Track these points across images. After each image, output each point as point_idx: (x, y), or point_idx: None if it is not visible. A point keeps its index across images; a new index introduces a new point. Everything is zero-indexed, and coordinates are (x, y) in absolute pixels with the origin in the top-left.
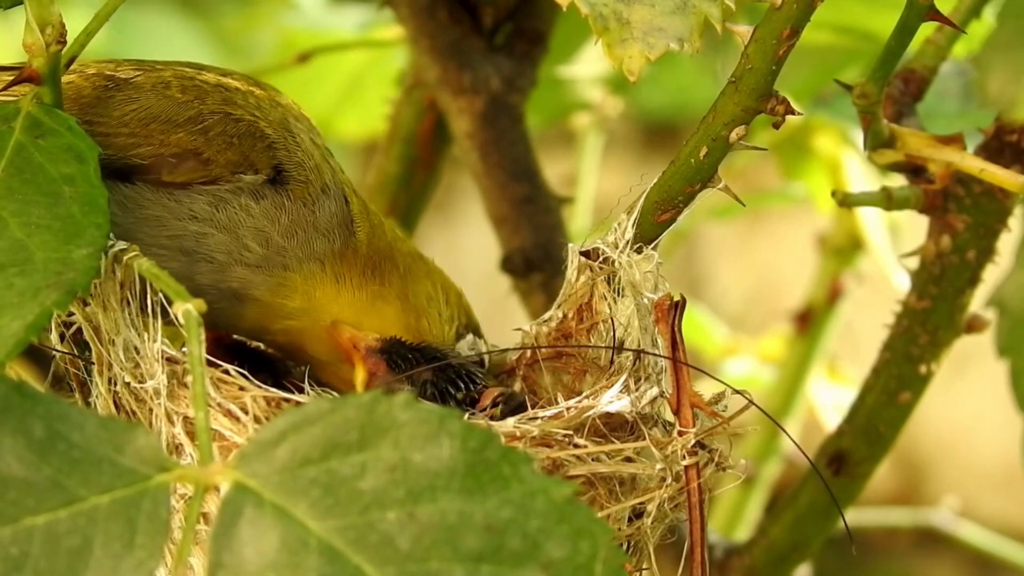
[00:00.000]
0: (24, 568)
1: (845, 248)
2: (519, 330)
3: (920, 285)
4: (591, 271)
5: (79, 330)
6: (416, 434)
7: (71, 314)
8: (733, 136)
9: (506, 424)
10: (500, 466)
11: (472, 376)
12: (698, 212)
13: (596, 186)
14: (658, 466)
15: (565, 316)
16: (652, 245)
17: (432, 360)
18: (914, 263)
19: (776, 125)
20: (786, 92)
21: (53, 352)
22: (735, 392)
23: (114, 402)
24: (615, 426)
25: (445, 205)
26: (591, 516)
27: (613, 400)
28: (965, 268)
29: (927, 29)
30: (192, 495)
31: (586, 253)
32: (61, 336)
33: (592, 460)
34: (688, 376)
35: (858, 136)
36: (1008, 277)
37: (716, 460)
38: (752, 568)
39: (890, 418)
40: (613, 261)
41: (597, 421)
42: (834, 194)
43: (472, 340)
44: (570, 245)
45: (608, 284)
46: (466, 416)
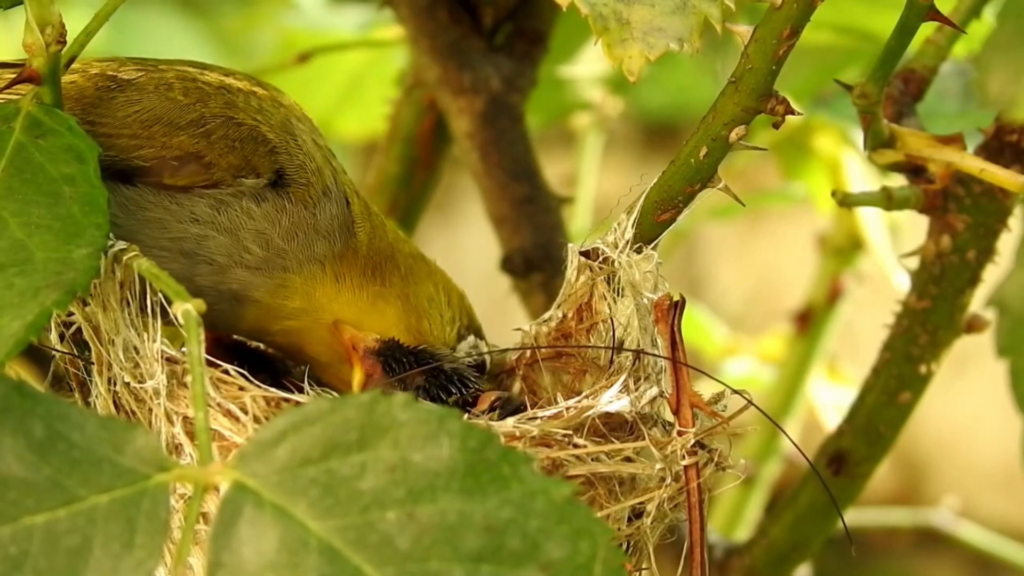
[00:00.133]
0: (24, 567)
1: (845, 248)
2: (519, 330)
3: (920, 285)
4: (591, 271)
5: (79, 330)
6: (416, 434)
7: (71, 314)
8: (733, 136)
9: (506, 424)
10: (500, 466)
11: (465, 380)
12: (698, 212)
13: (596, 186)
14: (658, 466)
15: (565, 316)
16: (652, 245)
17: (425, 364)
18: (914, 263)
19: (776, 125)
20: (786, 92)
21: (53, 352)
22: (735, 392)
23: (114, 402)
24: (615, 426)
25: (445, 205)
26: (591, 516)
27: (613, 400)
28: (965, 268)
29: (927, 29)
30: (191, 495)
31: (586, 253)
32: (61, 336)
33: (592, 460)
34: (688, 376)
35: (858, 136)
36: (1008, 277)
37: (716, 460)
38: (752, 568)
39: (890, 418)
40: (613, 261)
41: (597, 421)
42: (834, 194)
43: (473, 341)
44: (570, 245)
45: (608, 284)
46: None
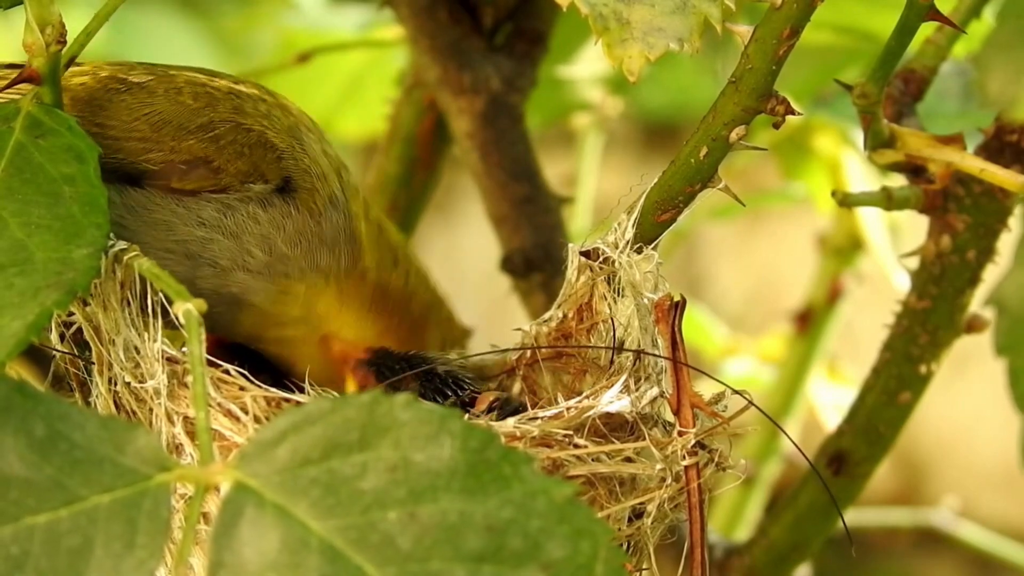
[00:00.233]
0: (25, 567)
1: (845, 248)
2: (519, 330)
3: (920, 285)
4: (591, 271)
5: (79, 330)
6: (417, 434)
7: (71, 314)
8: (733, 136)
9: (506, 424)
10: (501, 466)
11: (460, 382)
12: (698, 212)
13: (596, 186)
14: (658, 466)
15: (565, 316)
16: (652, 245)
17: (418, 368)
18: (914, 263)
19: (776, 125)
20: (786, 92)
21: (53, 352)
22: (735, 392)
23: (114, 402)
24: (615, 426)
25: (445, 205)
26: (591, 516)
27: (613, 400)
28: (965, 268)
29: (927, 29)
30: (192, 495)
31: (586, 253)
32: (61, 336)
33: (592, 460)
34: (688, 376)
35: (858, 136)
36: (1007, 276)
37: (716, 460)
38: (752, 568)
39: (890, 418)
40: (613, 261)
41: (597, 421)
42: (834, 194)
43: None
44: (570, 245)
45: (608, 284)
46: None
